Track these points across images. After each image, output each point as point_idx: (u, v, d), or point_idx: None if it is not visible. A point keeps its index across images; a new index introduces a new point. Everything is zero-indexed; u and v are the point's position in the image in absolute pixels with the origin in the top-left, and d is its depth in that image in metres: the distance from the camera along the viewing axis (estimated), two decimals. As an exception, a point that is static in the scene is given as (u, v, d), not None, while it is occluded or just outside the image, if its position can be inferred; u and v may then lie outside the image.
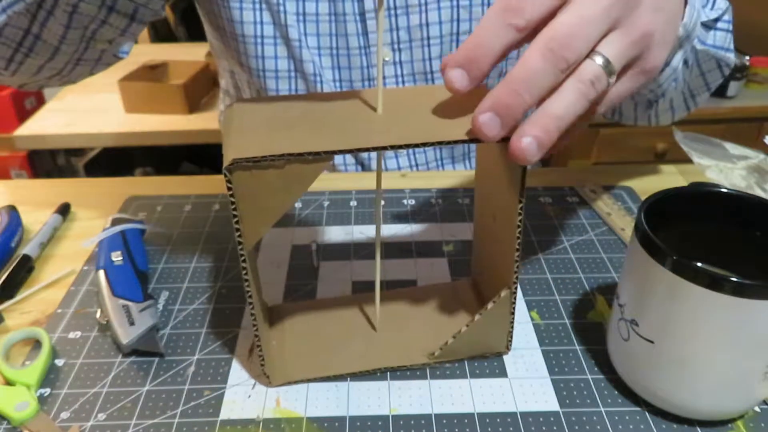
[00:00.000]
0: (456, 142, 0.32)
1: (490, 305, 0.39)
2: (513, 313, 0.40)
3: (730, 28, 0.51)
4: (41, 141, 1.38)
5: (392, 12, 0.60)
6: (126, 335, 0.41)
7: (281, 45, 0.63)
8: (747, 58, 1.57)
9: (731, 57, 0.52)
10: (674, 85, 0.50)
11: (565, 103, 0.31)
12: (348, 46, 0.62)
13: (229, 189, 0.32)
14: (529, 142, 0.30)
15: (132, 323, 0.42)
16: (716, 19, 0.50)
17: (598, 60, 0.31)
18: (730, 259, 0.39)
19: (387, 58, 0.62)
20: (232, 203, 0.33)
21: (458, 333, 0.39)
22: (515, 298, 0.39)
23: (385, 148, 0.32)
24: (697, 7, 0.41)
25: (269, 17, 0.62)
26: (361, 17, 0.60)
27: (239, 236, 0.34)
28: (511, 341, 0.41)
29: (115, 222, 0.51)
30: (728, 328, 0.32)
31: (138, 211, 0.59)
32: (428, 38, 0.62)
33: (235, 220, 0.33)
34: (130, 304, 0.44)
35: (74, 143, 1.41)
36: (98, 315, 0.44)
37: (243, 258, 0.35)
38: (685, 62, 0.49)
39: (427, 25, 0.61)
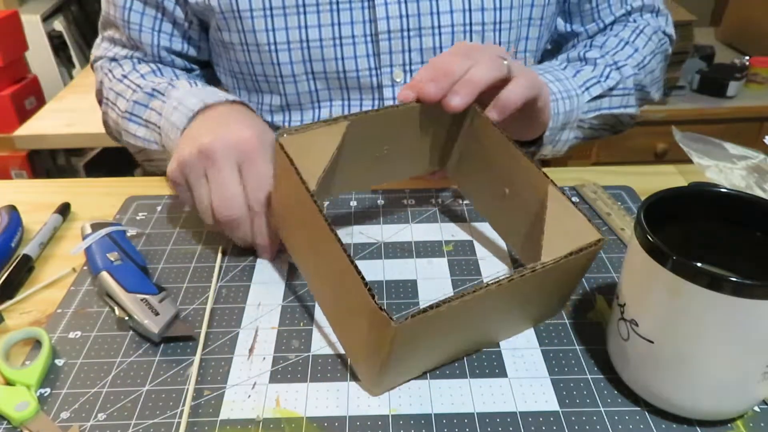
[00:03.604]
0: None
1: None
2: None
3: (626, 92, 0.65)
4: (41, 141, 1.38)
5: (405, 34, 0.60)
6: (155, 325, 0.42)
7: (273, 81, 0.63)
8: (747, 58, 1.57)
9: (630, 110, 0.67)
10: (574, 142, 0.64)
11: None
12: (357, 68, 0.61)
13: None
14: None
15: (157, 314, 0.43)
16: (611, 88, 0.63)
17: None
18: (730, 259, 0.39)
19: (398, 79, 0.62)
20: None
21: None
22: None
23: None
24: (562, 110, 0.58)
25: (258, 58, 0.62)
26: (372, 38, 0.60)
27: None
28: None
29: (95, 227, 0.51)
30: (728, 328, 0.32)
31: (138, 211, 0.59)
32: None
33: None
34: (148, 297, 0.44)
35: (74, 143, 1.40)
36: (117, 312, 0.44)
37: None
38: (581, 128, 0.64)
39: (441, 48, 0.61)
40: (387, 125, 0.49)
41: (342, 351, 0.43)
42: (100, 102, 0.70)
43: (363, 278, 0.36)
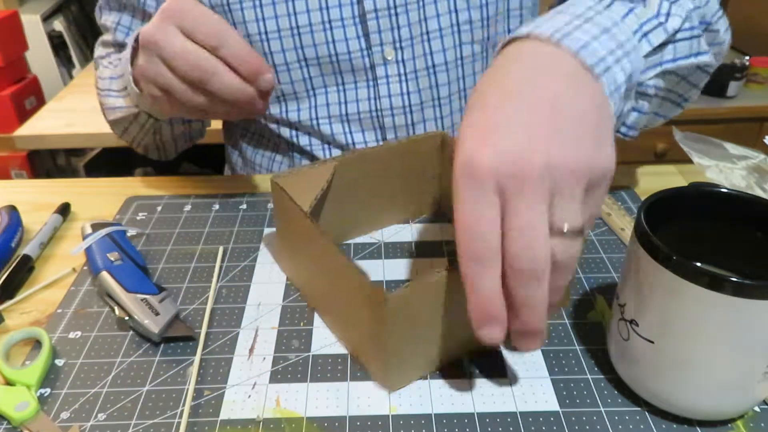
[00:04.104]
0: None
1: None
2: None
3: (694, 33, 0.46)
4: (41, 141, 1.38)
5: (392, 11, 0.60)
6: (156, 325, 0.42)
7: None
8: (747, 58, 1.57)
9: (704, 58, 0.48)
10: (640, 114, 0.49)
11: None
12: (349, 50, 0.61)
13: None
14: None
15: (157, 314, 0.43)
16: (676, 30, 0.44)
17: (563, 245, 0.32)
18: (730, 259, 0.39)
19: (390, 58, 0.62)
20: None
21: None
22: None
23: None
24: (621, 79, 0.38)
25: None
26: (361, 19, 0.60)
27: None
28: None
29: (95, 227, 0.51)
30: (728, 328, 0.32)
31: (138, 211, 0.59)
32: (428, 32, 0.62)
33: None
34: (148, 297, 0.44)
35: (74, 143, 1.40)
36: (117, 312, 0.44)
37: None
38: (645, 94, 0.47)
39: (426, 19, 0.62)
40: (374, 163, 0.51)
41: (343, 351, 0.43)
42: (99, 101, 0.71)
43: (357, 266, 0.37)
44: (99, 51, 0.72)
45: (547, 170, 0.31)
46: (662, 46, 0.44)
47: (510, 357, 0.42)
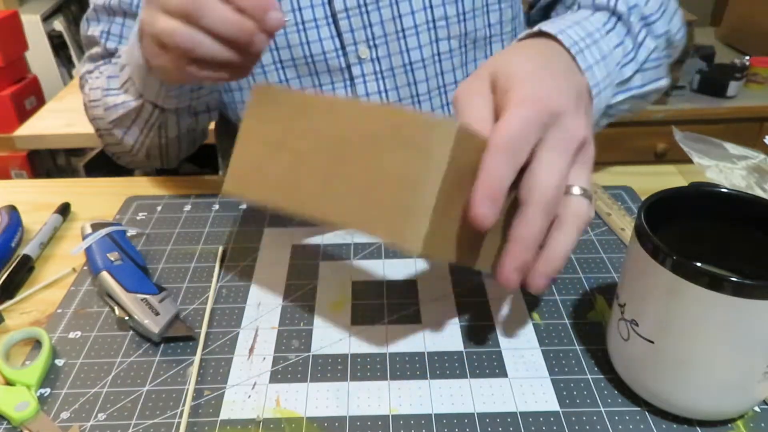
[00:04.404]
0: None
1: None
2: None
3: (660, 62, 0.56)
4: (41, 141, 1.38)
5: (363, 9, 0.60)
6: (156, 325, 0.42)
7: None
8: (747, 58, 1.57)
9: (663, 83, 0.57)
10: (598, 129, 0.54)
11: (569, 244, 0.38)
12: (323, 50, 0.62)
13: None
14: (543, 283, 0.38)
15: (157, 314, 0.43)
16: (642, 63, 0.53)
17: (575, 201, 0.38)
18: (730, 259, 0.39)
19: (364, 56, 0.62)
20: None
21: None
22: None
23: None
24: (604, 104, 0.47)
25: None
26: (332, 19, 0.60)
27: None
28: None
29: (95, 227, 0.51)
30: (728, 328, 0.32)
31: (138, 211, 0.59)
32: (403, 30, 0.62)
33: None
34: (148, 297, 0.44)
35: (74, 143, 1.40)
36: (117, 312, 0.44)
37: None
38: (609, 115, 0.55)
39: (400, 17, 0.61)
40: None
41: (343, 351, 0.43)
42: (89, 117, 0.70)
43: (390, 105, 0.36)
44: (86, 67, 0.70)
45: (586, 144, 0.39)
46: (632, 75, 0.52)
47: (510, 357, 0.42)
